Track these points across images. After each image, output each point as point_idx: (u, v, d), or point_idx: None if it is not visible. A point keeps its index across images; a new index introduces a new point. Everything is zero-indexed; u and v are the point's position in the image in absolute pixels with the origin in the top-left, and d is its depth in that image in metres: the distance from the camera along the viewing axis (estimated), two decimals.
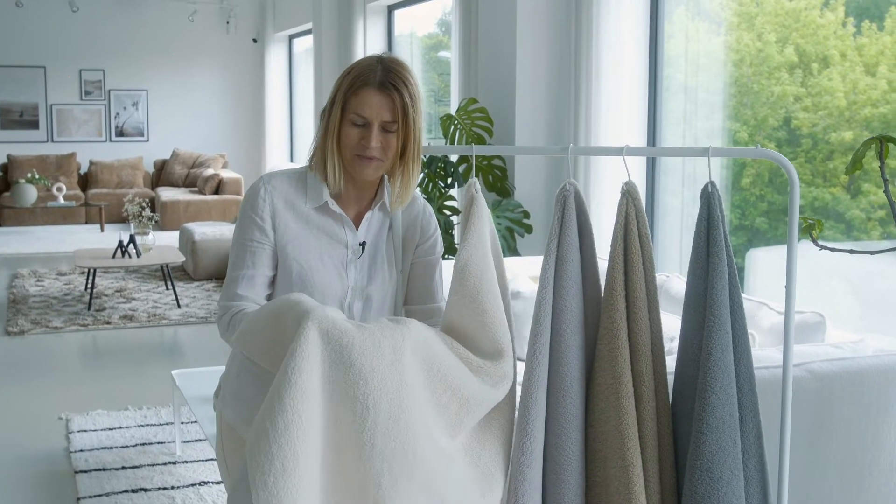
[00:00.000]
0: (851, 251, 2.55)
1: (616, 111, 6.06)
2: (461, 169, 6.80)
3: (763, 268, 5.75)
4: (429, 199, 6.83)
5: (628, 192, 2.36)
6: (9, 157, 15.07)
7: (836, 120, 5.20)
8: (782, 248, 5.50)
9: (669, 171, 6.16)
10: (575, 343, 2.35)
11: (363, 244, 2.57)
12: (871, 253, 2.50)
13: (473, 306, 2.36)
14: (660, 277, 5.09)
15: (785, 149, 5.49)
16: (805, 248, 2.52)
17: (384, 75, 2.43)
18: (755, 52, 5.71)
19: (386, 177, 2.59)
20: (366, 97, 2.41)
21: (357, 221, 2.59)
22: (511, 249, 6.31)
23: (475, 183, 2.47)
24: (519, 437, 2.33)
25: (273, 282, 2.58)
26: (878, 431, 3.67)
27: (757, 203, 5.69)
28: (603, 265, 2.49)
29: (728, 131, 5.85)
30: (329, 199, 2.53)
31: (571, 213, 2.35)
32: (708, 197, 2.34)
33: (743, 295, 4.49)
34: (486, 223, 2.48)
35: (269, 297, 2.59)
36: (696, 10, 6.05)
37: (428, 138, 10.18)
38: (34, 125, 15.53)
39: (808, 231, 2.55)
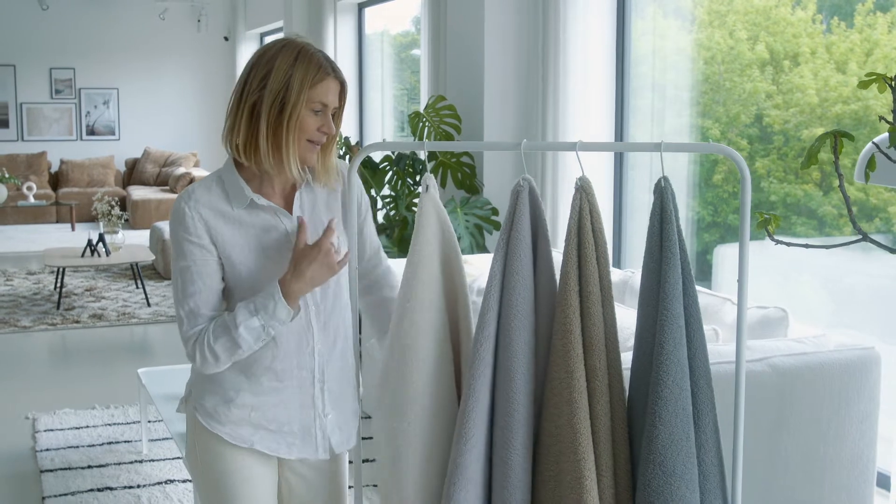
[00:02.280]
0: (807, 245, 2.56)
1: (584, 109, 6.08)
2: (430, 166, 6.81)
3: (731, 264, 5.78)
4: (397, 197, 6.83)
5: (582, 188, 2.36)
6: None
7: (808, 117, 5.22)
8: (751, 245, 5.54)
9: (638, 168, 6.18)
10: (522, 338, 2.35)
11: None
12: (827, 247, 2.51)
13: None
14: (626, 274, 5.11)
15: (757, 145, 5.51)
16: (773, 244, 2.53)
17: (331, 63, 2.50)
18: (726, 49, 5.73)
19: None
20: (328, 86, 2.46)
21: (288, 206, 2.57)
22: (479, 247, 6.32)
23: (428, 179, 2.46)
24: (458, 427, 2.35)
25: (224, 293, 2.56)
26: (840, 425, 3.70)
27: (729, 200, 5.71)
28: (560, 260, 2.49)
29: (699, 128, 5.87)
30: (253, 196, 2.51)
31: (524, 208, 2.35)
32: (661, 191, 2.34)
33: (707, 291, 4.53)
34: (429, 237, 2.49)
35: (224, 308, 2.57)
36: (668, 8, 6.06)
37: (399, 136, 10.17)
38: (4, 124, 15.42)
39: (765, 226, 2.56)
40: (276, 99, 2.44)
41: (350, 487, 3.54)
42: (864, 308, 5.06)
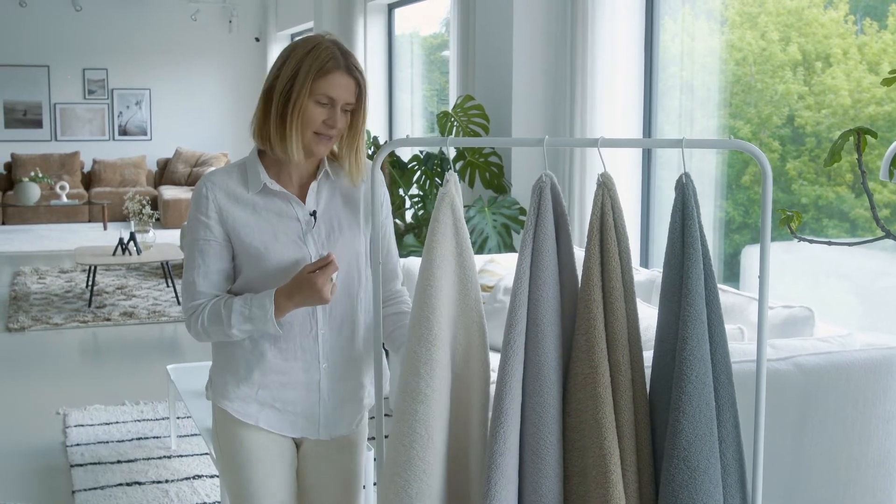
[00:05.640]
0: (829, 242, 2.56)
1: (611, 109, 6.08)
2: (458, 166, 6.83)
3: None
4: (425, 197, 6.85)
5: (604, 184, 2.37)
6: (13, 155, 15.12)
7: (841, 118, 5.19)
8: (778, 245, 5.52)
9: (667, 168, 6.16)
10: (551, 333, 2.36)
11: (314, 213, 2.63)
12: (850, 244, 2.52)
13: None
14: (653, 273, 5.11)
15: (789, 147, 5.49)
16: (806, 245, 2.53)
17: (347, 59, 2.54)
18: (758, 50, 5.71)
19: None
20: (335, 79, 2.51)
21: (302, 195, 2.65)
22: (507, 246, 6.33)
23: (449, 175, 2.46)
24: (493, 426, 2.35)
25: (231, 275, 2.65)
26: (866, 425, 3.69)
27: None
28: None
29: (730, 129, 5.84)
30: (268, 181, 2.60)
31: (547, 204, 2.37)
32: (683, 188, 2.35)
33: (734, 290, 4.52)
34: (445, 232, 2.47)
35: (230, 290, 2.65)
36: (699, 10, 6.05)
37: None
38: (38, 124, 15.58)
39: (787, 223, 2.56)
40: (285, 88, 2.55)
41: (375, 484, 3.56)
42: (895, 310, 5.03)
